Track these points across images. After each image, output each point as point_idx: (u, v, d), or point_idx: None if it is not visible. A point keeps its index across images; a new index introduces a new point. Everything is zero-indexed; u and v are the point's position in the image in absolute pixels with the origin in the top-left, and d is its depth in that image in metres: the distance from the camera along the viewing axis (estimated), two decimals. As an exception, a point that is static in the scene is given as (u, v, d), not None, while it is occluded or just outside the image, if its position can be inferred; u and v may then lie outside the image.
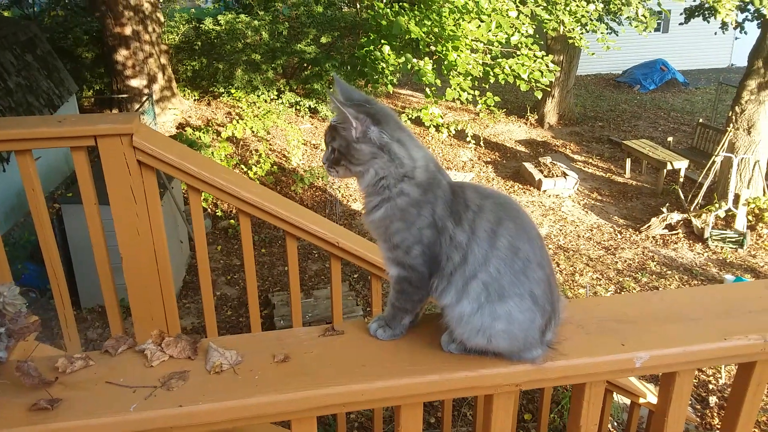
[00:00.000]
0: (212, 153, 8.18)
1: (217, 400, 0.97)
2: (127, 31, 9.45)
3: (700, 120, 10.58)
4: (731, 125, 8.28)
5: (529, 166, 9.98)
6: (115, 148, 2.02)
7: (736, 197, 8.00)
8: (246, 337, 1.16)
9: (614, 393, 3.66)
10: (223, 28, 10.87)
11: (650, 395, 3.49)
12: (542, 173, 9.61)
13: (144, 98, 9.63)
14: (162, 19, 10.33)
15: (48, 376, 1.02)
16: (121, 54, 9.57)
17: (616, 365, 1.14)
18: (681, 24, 11.45)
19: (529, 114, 13.13)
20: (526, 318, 1.05)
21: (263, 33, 10.77)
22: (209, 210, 7.86)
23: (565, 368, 1.10)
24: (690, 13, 10.78)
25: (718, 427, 4.78)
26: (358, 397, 1.03)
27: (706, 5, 9.57)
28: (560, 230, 8.31)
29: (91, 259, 2.19)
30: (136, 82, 9.76)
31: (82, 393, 1.00)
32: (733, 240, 7.64)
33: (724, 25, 9.79)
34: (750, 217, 8.02)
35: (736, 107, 8.22)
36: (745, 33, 10.17)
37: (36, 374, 1.00)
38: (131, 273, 2.18)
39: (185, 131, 8.80)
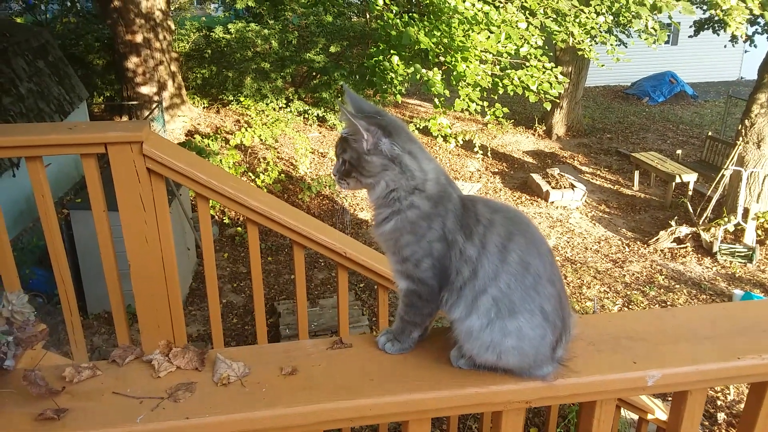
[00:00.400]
0: (220, 161, 8.21)
1: (224, 412, 0.97)
2: (138, 38, 9.53)
3: (709, 133, 10.53)
4: (741, 139, 8.24)
5: (536, 177, 9.96)
6: (125, 155, 2.02)
7: (746, 211, 7.95)
8: (253, 349, 1.16)
9: (622, 408, 3.62)
10: (233, 36, 10.94)
11: (658, 411, 3.44)
12: (550, 184, 9.58)
13: (154, 105, 9.70)
14: (173, 27, 10.41)
15: (55, 385, 1.02)
16: (132, 61, 9.64)
17: (627, 383, 1.12)
18: (690, 37, 11.45)
19: (537, 125, 13.12)
20: (537, 334, 1.04)
21: (273, 42, 10.84)
22: (216, 217, 7.87)
23: (576, 386, 1.09)
24: (700, 26, 10.78)
25: (727, 444, 4.72)
26: (366, 412, 1.02)
27: (716, 18, 9.57)
28: (568, 242, 8.27)
29: (98, 265, 2.19)
30: (146, 89, 9.83)
31: (88, 403, 0.99)
32: (742, 254, 7.58)
33: (733, 38, 9.78)
34: (759, 232, 7.96)
35: (746, 121, 8.19)
36: (755, 46, 10.15)
37: (43, 383, 0.99)
38: (139, 280, 2.18)
39: (194, 139, 8.84)
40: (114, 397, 1.00)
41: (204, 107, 11.24)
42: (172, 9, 12.57)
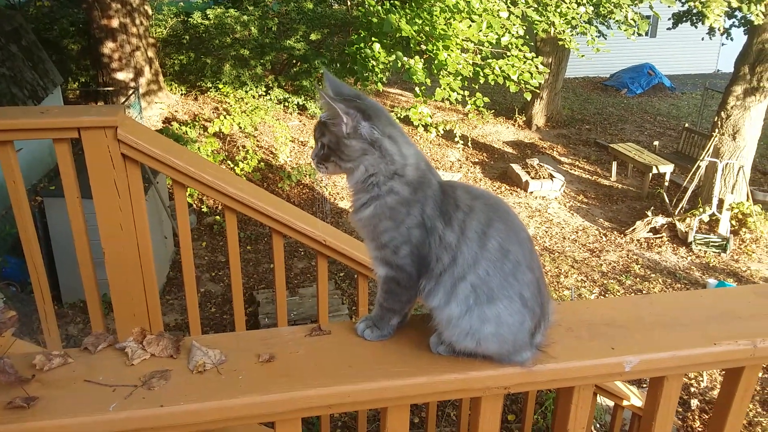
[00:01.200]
0: (198, 148, 8.10)
1: (200, 400, 0.95)
2: (114, 23, 9.33)
3: (686, 125, 10.68)
4: (716, 130, 8.36)
5: (516, 167, 10.01)
6: (99, 140, 1.98)
7: (720, 202, 8.08)
8: (230, 336, 1.14)
9: (598, 395, 3.67)
10: (212, 22, 10.77)
11: (634, 398, 3.50)
12: (529, 175, 9.64)
13: (130, 92, 9.52)
14: (150, 12, 10.22)
15: (25, 373, 0.99)
16: (108, 46, 9.45)
17: (605, 369, 1.13)
18: (669, 29, 11.53)
19: (517, 115, 13.18)
20: (516, 321, 1.04)
21: (252, 28, 10.69)
22: (194, 206, 7.79)
23: (554, 371, 1.09)
24: (678, 18, 10.86)
25: (700, 429, 4.82)
26: (344, 399, 1.01)
27: (695, 11, 9.66)
28: (546, 232, 8.34)
29: (73, 253, 2.15)
30: (122, 75, 9.65)
31: (59, 391, 0.97)
32: (717, 244, 7.71)
33: (711, 31, 9.88)
34: (733, 222, 8.10)
35: (722, 113, 8.30)
36: (732, 39, 10.27)
37: (12, 371, 0.97)
38: (113, 268, 2.14)
39: (171, 126, 8.72)
40: (86, 385, 0.98)
41: (182, 94, 11.08)
42: (149, -6, 12.33)
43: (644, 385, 3.98)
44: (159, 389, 0.96)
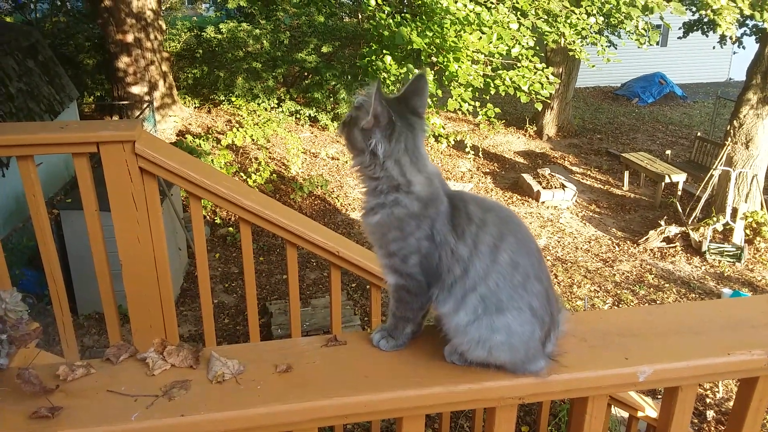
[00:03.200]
0: (212, 161, 8.18)
1: (219, 409, 0.97)
2: (129, 38, 9.48)
3: (698, 134, 10.62)
4: (729, 139, 8.32)
5: (527, 177, 10.00)
6: (118, 154, 2.02)
7: (734, 211, 8.02)
8: (248, 347, 1.16)
9: (612, 406, 3.64)
10: (225, 36, 10.92)
11: (648, 409, 3.47)
12: (541, 185, 9.62)
13: (145, 105, 9.65)
14: (164, 26, 10.37)
15: (49, 383, 1.01)
16: (123, 61, 9.59)
17: (619, 379, 1.13)
18: (680, 38, 11.53)
19: (528, 125, 13.17)
20: (526, 330, 1.05)
21: (264, 42, 10.82)
22: (208, 217, 7.85)
23: (568, 381, 1.10)
24: (689, 27, 10.85)
25: (716, 441, 4.76)
26: (360, 409, 1.02)
27: (706, 19, 9.65)
28: (558, 242, 8.31)
29: (88, 265, 2.18)
30: (137, 89, 9.78)
31: (83, 401, 0.99)
32: (731, 254, 7.65)
33: (722, 39, 9.86)
34: (747, 231, 8.03)
35: (735, 121, 8.26)
36: (743, 47, 10.24)
37: (37, 382, 0.99)
38: (130, 280, 2.17)
39: (185, 139, 8.81)
40: (108, 395, 1.00)
41: (195, 107, 11.20)
42: (163, 9, 12.51)
43: (659, 396, 3.95)
44: (180, 399, 0.98)
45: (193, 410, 0.96)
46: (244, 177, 8.61)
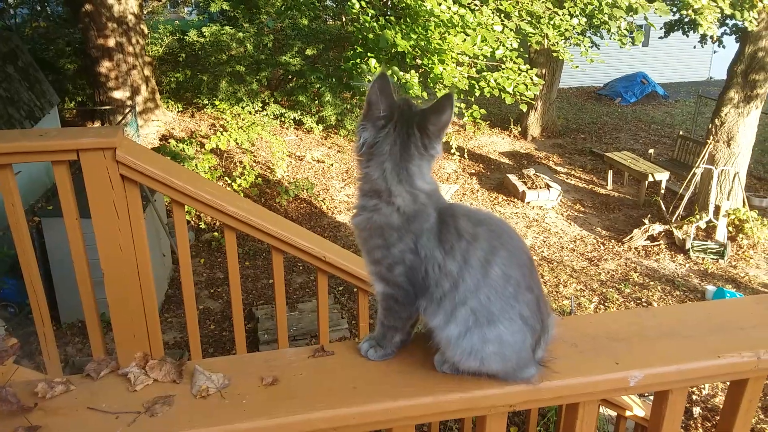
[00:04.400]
0: (196, 165, 8.11)
1: (204, 426, 0.94)
2: (111, 42, 9.38)
3: (681, 132, 10.73)
4: (711, 137, 8.40)
5: (512, 177, 10.04)
6: (98, 162, 1.98)
7: (717, 208, 8.10)
8: (233, 359, 1.13)
9: (600, 405, 3.65)
10: (208, 39, 10.84)
11: (636, 408, 3.48)
12: (526, 185, 9.66)
13: (127, 110, 9.55)
14: (146, 30, 10.28)
15: (27, 401, 0.98)
16: (104, 66, 9.49)
17: (610, 384, 1.12)
18: (661, 38, 11.64)
19: (512, 126, 13.23)
20: (518, 339, 1.04)
21: (248, 45, 10.75)
22: (192, 223, 7.78)
23: (559, 388, 1.09)
24: (670, 27, 10.96)
25: (703, 438, 4.80)
26: (349, 421, 1.00)
27: (686, 19, 9.75)
28: (544, 241, 8.35)
29: (71, 273, 2.14)
30: (119, 94, 9.68)
31: (62, 419, 0.96)
32: (714, 251, 7.72)
33: (703, 39, 9.97)
34: (730, 228, 8.12)
35: (716, 120, 8.35)
36: (724, 47, 10.36)
37: (15, 400, 0.96)
38: (113, 289, 2.13)
39: (168, 143, 8.73)
40: (89, 413, 0.97)
41: (178, 111, 11.11)
42: (145, 13, 12.40)
43: (647, 394, 3.97)
44: (162, 415, 0.95)
45: (177, 427, 0.93)
46: (229, 181, 8.55)
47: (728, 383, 1.27)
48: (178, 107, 11.14)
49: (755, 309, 1.34)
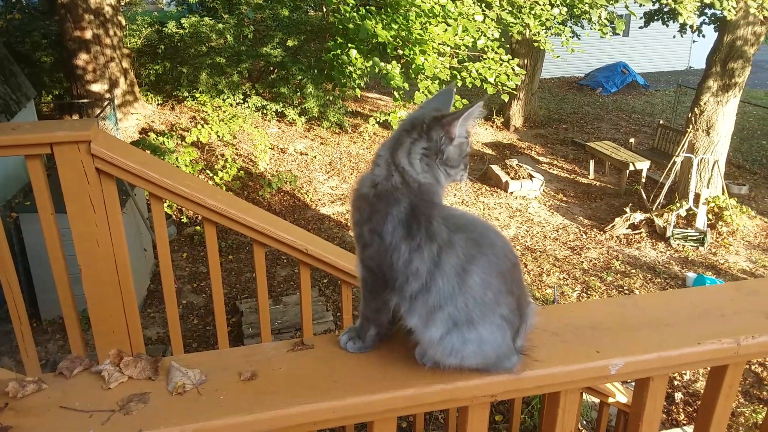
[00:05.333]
0: (176, 158, 8.02)
1: (179, 423, 0.92)
2: (88, 35, 9.21)
3: (661, 121, 10.82)
4: (690, 126, 8.48)
5: (496, 168, 10.06)
6: (73, 155, 1.94)
7: (697, 196, 8.19)
8: (210, 355, 1.11)
9: (584, 393, 3.69)
10: (187, 31, 10.69)
11: (619, 394, 3.52)
12: (509, 175, 9.69)
13: (105, 103, 9.40)
14: (123, 22, 10.11)
15: (-3, 402, 0.96)
16: (82, 58, 9.32)
17: (591, 373, 1.12)
18: (641, 27, 11.70)
19: (495, 117, 13.25)
20: (498, 336, 1.03)
21: (228, 36, 10.63)
22: (174, 217, 7.70)
23: (540, 377, 1.08)
24: (650, 17, 11.02)
25: (684, 422, 4.87)
26: (329, 415, 0.99)
27: (666, 9, 9.81)
28: (527, 231, 8.39)
29: (50, 269, 2.10)
30: (97, 87, 9.52)
31: (34, 419, 0.94)
32: (694, 238, 7.82)
33: (682, 28, 10.04)
34: (710, 216, 8.22)
35: (695, 108, 8.43)
36: (703, 36, 10.44)
37: (-16, 401, 0.93)
38: (91, 285, 2.09)
39: (148, 136, 8.61)
40: (62, 412, 0.95)
41: (158, 104, 10.97)
42: (123, 4, 12.20)
43: (629, 381, 4.02)
44: (137, 413, 0.93)
45: (152, 424, 0.91)
46: (211, 174, 8.47)
47: (709, 369, 1.28)
48: (157, 100, 10.99)
49: (735, 296, 1.35)
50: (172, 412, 0.94)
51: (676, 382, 5.34)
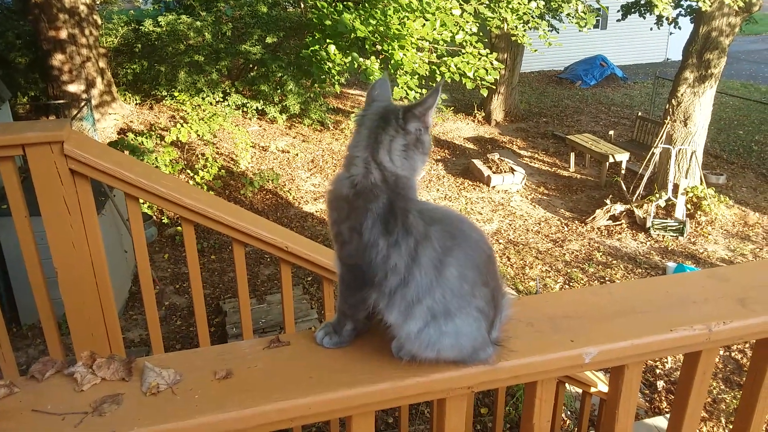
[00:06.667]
0: (156, 158, 7.94)
1: (154, 423, 0.92)
2: (63, 34, 9.08)
3: (639, 113, 10.93)
4: (668, 117, 8.58)
5: (478, 162, 10.10)
6: (45, 156, 1.91)
7: (675, 187, 8.30)
8: (185, 354, 1.10)
9: (566, 384, 3.72)
10: (164, 29, 10.57)
11: (601, 384, 3.56)
12: (491, 169, 9.74)
13: (82, 104, 9.27)
14: (99, 21, 9.97)
15: (-33, 407, 0.94)
16: (57, 58, 9.18)
17: (566, 362, 1.13)
18: (618, 20, 11.80)
19: (476, 111, 13.30)
20: (473, 328, 1.04)
21: (206, 34, 10.53)
22: (155, 217, 7.63)
23: (516, 368, 1.09)
24: (627, 10, 11.11)
25: (667, 410, 4.93)
26: (305, 411, 0.99)
27: (643, 0, 9.90)
28: (510, 225, 8.44)
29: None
30: (73, 88, 9.39)
31: (5, 423, 0.93)
32: (674, 228, 7.92)
33: (659, 20, 10.14)
34: (689, 206, 8.33)
35: (673, 100, 8.52)
36: (679, 28, 10.56)
37: (-47, 406, 0.92)
38: (68, 288, 2.07)
39: (127, 137, 8.52)
40: (34, 415, 0.93)
41: (136, 104, 10.85)
42: (98, 3, 12.03)
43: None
44: (110, 415, 0.93)
45: (125, 426, 0.91)
46: (191, 174, 8.40)
47: (683, 356, 1.30)
48: (135, 100, 10.87)
49: (707, 283, 1.37)
50: (146, 413, 0.94)
51: (658, 371, 5.41)
